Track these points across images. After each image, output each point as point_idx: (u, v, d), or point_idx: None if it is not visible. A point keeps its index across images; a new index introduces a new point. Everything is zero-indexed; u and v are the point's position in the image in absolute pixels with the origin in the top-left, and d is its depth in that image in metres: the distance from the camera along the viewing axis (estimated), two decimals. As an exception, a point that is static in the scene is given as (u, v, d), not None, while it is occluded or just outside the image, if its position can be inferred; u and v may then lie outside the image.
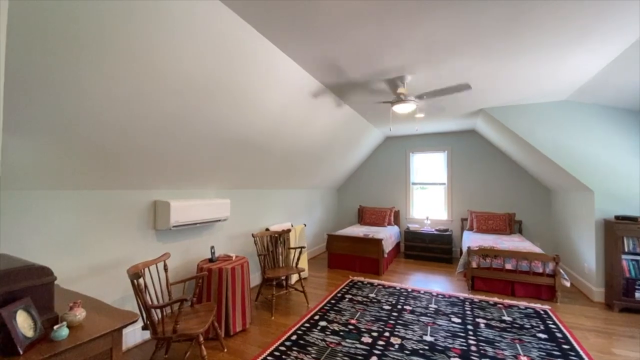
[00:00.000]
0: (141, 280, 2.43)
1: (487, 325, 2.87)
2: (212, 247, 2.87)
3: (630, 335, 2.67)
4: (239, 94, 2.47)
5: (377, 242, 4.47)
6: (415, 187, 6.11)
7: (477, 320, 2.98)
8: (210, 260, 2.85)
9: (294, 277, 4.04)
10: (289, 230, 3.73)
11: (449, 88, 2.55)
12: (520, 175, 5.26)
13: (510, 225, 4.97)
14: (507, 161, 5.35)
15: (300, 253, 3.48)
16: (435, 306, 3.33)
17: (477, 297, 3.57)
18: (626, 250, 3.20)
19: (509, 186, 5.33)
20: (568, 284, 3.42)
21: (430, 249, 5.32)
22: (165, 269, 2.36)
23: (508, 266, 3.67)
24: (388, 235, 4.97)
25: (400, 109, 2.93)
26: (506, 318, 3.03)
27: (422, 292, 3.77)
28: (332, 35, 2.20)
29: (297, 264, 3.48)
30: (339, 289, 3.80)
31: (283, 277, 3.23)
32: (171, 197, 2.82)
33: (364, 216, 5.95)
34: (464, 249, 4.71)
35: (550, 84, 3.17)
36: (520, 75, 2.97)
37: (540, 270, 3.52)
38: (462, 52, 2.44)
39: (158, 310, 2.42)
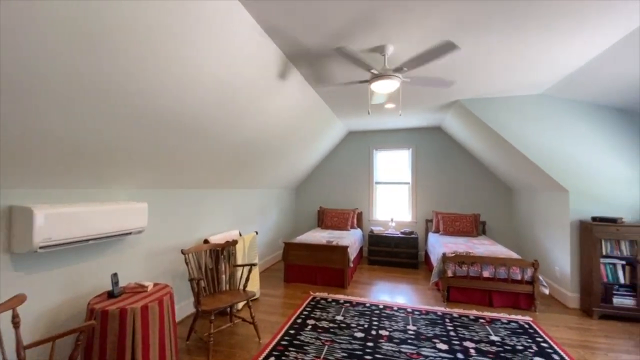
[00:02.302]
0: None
1: (478, 351, 2.40)
2: (114, 275, 1.93)
3: (625, 350, 2.42)
4: (166, 49, 1.60)
5: (343, 250, 3.84)
6: (380, 187, 5.66)
7: (465, 344, 2.51)
8: (111, 295, 1.91)
9: (242, 302, 3.20)
10: (235, 242, 2.90)
11: (431, 50, 1.95)
12: (483, 174, 5.11)
13: (476, 226, 4.76)
14: (471, 160, 5.17)
15: (249, 272, 2.68)
16: (414, 327, 2.80)
17: (455, 311, 3.14)
18: (603, 253, 3.04)
19: (473, 186, 5.15)
20: (547, 292, 3.17)
21: (395, 253, 4.88)
22: (16, 324, 1.40)
23: (485, 274, 3.32)
24: (353, 240, 4.39)
25: (380, 87, 2.32)
26: (494, 338, 2.62)
27: (395, 308, 3.24)
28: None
29: (245, 286, 2.67)
30: (298, 312, 3.08)
31: (226, 307, 2.42)
32: (44, 199, 1.82)
33: (324, 219, 5.31)
34: (432, 253, 4.35)
35: (529, 75, 2.89)
36: (499, 64, 2.67)
37: (519, 277, 3.23)
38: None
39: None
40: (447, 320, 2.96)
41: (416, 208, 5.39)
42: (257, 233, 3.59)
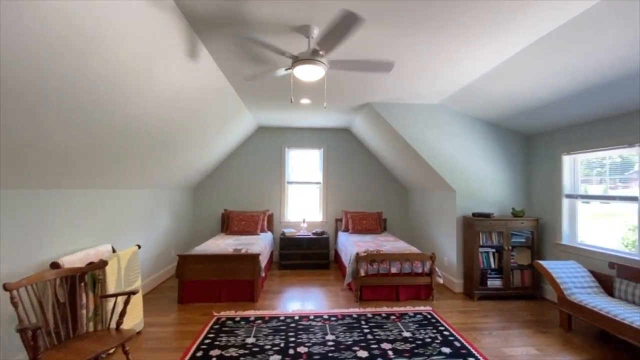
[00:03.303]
0: None
1: (395, 351, 2.40)
2: None
3: (502, 326, 2.84)
4: None
5: (253, 259, 3.40)
6: (292, 186, 5.42)
7: (382, 346, 2.48)
8: None
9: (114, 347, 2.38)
10: (104, 263, 2.11)
11: (369, 62, 1.85)
12: (384, 174, 5.50)
13: (380, 224, 5.05)
14: (375, 161, 5.50)
15: (127, 302, 1.97)
16: (333, 336, 2.63)
17: (369, 311, 3.16)
18: (480, 243, 3.57)
19: (376, 185, 5.48)
20: (441, 281, 3.53)
21: (307, 255, 4.72)
22: None
23: (393, 270, 3.47)
24: (263, 246, 3.99)
25: (304, 72, 2.03)
26: (406, 334, 2.69)
27: (311, 317, 3.02)
28: None
29: (120, 323, 1.95)
30: (198, 342, 2.49)
31: None
32: None
33: (231, 223, 4.70)
34: (342, 252, 4.37)
35: (431, 85, 3.16)
36: (409, 71, 2.81)
37: (420, 270, 3.49)
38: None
39: None
40: (363, 321, 2.92)
41: (327, 208, 5.38)
42: (139, 247, 2.79)
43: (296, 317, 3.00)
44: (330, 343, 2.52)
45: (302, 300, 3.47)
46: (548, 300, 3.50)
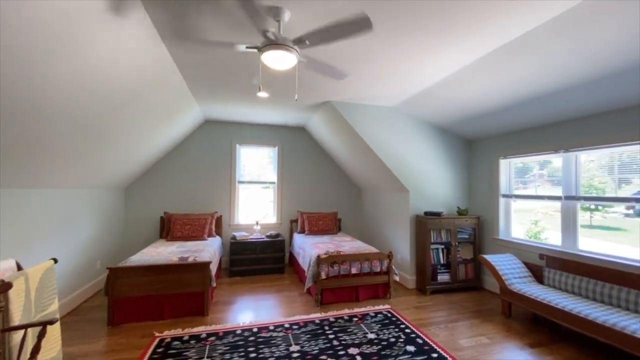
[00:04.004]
0: None
1: (363, 355, 2.34)
2: None
3: (454, 319, 3.01)
4: None
5: (203, 267, 3.02)
6: (243, 187, 5.05)
7: (350, 351, 2.40)
8: None
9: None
10: (6, 286, 1.60)
11: (343, 24, 1.67)
12: (338, 175, 5.51)
13: (336, 224, 5.02)
14: (330, 161, 5.47)
15: (42, 334, 1.52)
16: (298, 347, 2.46)
17: (331, 315, 3.06)
18: (432, 241, 3.78)
19: (331, 185, 5.45)
20: (398, 278, 3.63)
21: (261, 260, 4.44)
22: None
23: (354, 270, 3.45)
24: (213, 252, 3.61)
25: (273, 58, 1.83)
26: (370, 335, 2.66)
27: (272, 327, 2.80)
28: None
29: (30, 364, 1.49)
30: (139, 372, 2.09)
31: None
32: None
33: (173, 228, 4.15)
34: (298, 255, 4.22)
35: (389, 88, 3.21)
36: (370, 72, 2.82)
37: (378, 269, 3.54)
38: None
39: None
40: (327, 327, 2.81)
41: (281, 209, 5.16)
42: (55, 261, 2.23)
43: (255, 329, 2.75)
44: (295, 355, 2.35)
45: (258, 310, 3.21)
46: (487, 290, 3.86)
